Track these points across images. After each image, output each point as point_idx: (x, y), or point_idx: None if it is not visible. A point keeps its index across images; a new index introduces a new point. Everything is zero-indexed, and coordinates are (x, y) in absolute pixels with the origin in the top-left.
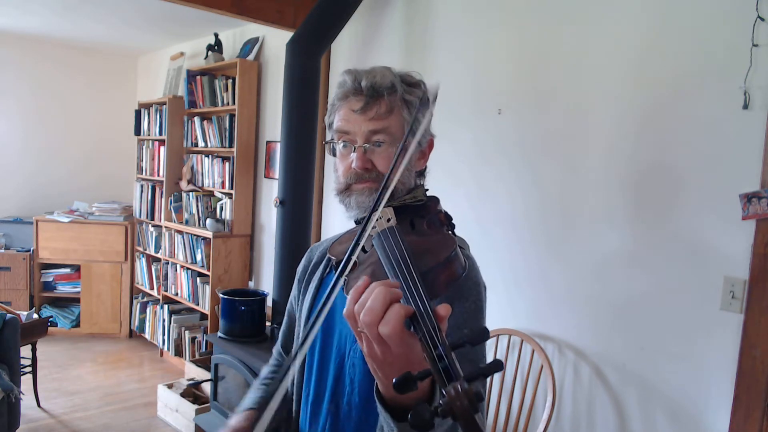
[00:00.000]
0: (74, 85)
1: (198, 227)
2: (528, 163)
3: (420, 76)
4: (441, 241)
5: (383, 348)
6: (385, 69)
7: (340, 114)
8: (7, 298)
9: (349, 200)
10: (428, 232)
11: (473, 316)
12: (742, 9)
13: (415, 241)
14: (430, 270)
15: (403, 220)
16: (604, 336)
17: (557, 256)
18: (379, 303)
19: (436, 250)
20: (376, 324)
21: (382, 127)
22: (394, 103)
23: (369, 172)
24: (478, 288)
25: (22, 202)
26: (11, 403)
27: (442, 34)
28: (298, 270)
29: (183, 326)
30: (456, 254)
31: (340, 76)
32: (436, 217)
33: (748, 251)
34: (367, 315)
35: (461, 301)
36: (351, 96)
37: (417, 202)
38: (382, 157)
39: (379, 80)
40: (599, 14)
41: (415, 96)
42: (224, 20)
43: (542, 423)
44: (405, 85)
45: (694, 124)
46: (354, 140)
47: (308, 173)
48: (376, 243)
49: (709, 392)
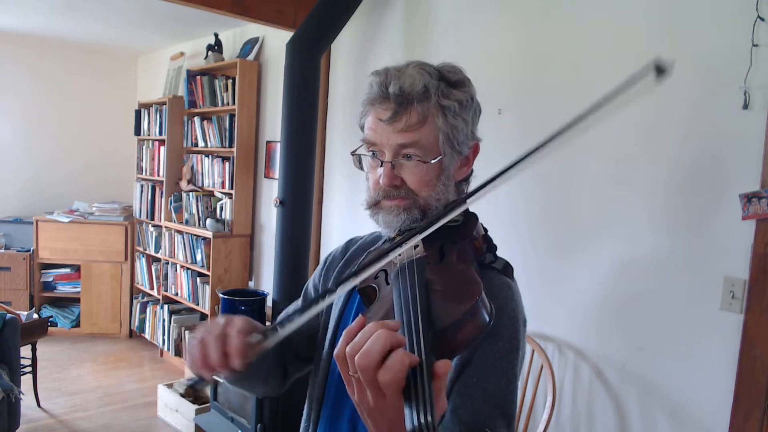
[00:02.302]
0: (74, 85)
1: (198, 227)
2: (529, 163)
3: (465, 71)
4: (465, 287)
5: (377, 396)
6: (418, 69)
7: (369, 122)
8: (7, 298)
9: (378, 217)
10: (456, 268)
11: (505, 357)
12: (742, 9)
13: (438, 284)
14: (447, 327)
15: (431, 246)
16: (604, 336)
17: (557, 256)
18: (378, 346)
19: (458, 299)
20: (373, 369)
21: (413, 140)
22: (427, 111)
23: (398, 189)
24: (515, 324)
25: (22, 202)
26: (11, 403)
27: (442, 33)
28: (330, 255)
29: (183, 326)
30: (478, 306)
31: (368, 77)
32: (470, 245)
33: (748, 251)
34: (363, 358)
35: (493, 339)
36: (378, 103)
37: (452, 223)
38: (412, 172)
39: (409, 85)
40: (599, 14)
41: (454, 99)
42: (224, 20)
43: (542, 423)
44: (444, 84)
45: (694, 124)
46: (382, 152)
47: (308, 173)
48: (394, 280)
49: (709, 392)
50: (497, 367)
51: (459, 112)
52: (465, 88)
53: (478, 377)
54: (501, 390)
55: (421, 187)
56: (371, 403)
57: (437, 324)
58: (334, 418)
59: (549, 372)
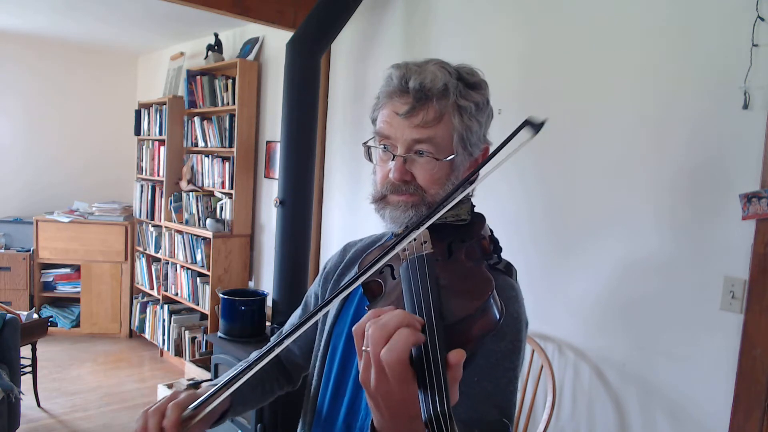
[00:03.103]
0: (74, 85)
1: (198, 227)
2: (530, 163)
3: (482, 74)
4: (476, 283)
5: (380, 376)
6: (439, 67)
7: (384, 114)
8: (7, 298)
9: (384, 212)
10: (465, 265)
11: (507, 358)
12: (742, 9)
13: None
14: (458, 322)
15: (440, 244)
16: (604, 336)
17: (558, 256)
18: (394, 321)
19: (470, 295)
20: (381, 344)
21: (428, 136)
22: (444, 109)
23: (407, 185)
24: (518, 325)
25: (22, 202)
26: (11, 403)
27: (442, 34)
28: (327, 263)
29: (183, 326)
30: (490, 303)
31: (388, 69)
32: (478, 245)
33: (748, 251)
34: (376, 330)
35: (496, 339)
36: (396, 96)
37: (459, 222)
38: (424, 168)
39: (430, 81)
40: (600, 13)
41: (471, 100)
42: (224, 20)
43: (542, 423)
44: (462, 85)
45: (694, 124)
46: (395, 146)
47: (308, 173)
48: (403, 274)
49: (709, 392)
50: (499, 366)
51: (474, 114)
52: (482, 91)
53: (479, 376)
54: (501, 390)
55: (430, 184)
56: (373, 383)
57: (449, 318)
58: (330, 418)
59: (549, 372)
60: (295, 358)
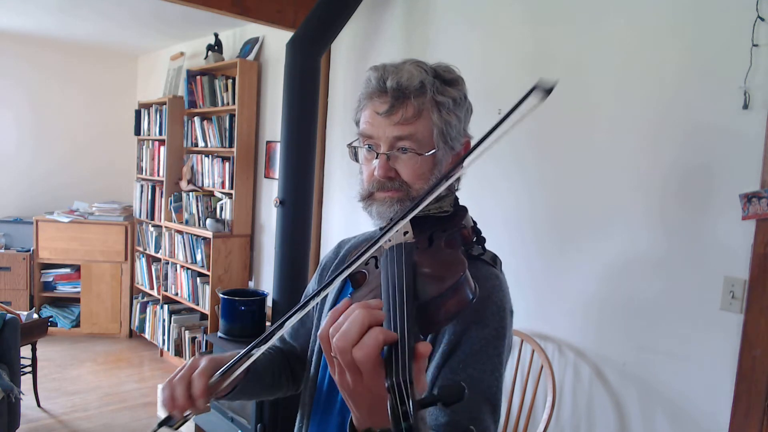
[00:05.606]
0: (74, 85)
1: (198, 227)
2: (530, 163)
3: (459, 71)
4: (450, 265)
5: (355, 376)
6: (415, 66)
7: (365, 115)
8: (7, 298)
9: (371, 209)
10: (443, 252)
11: (491, 344)
12: (742, 9)
13: (424, 264)
14: (431, 300)
15: (421, 234)
16: (604, 336)
17: (558, 256)
18: (356, 326)
19: (443, 275)
20: (350, 350)
21: (408, 133)
22: (422, 106)
23: (392, 181)
24: (501, 313)
25: (22, 202)
26: (11, 403)
27: (442, 33)
28: (323, 260)
29: (183, 326)
30: (462, 282)
31: (366, 71)
32: (458, 234)
33: (748, 251)
34: (340, 339)
35: (480, 326)
36: (375, 96)
37: (441, 213)
38: (407, 164)
39: (407, 80)
40: (600, 14)
41: (448, 96)
42: (224, 20)
43: (542, 423)
44: (439, 82)
45: (694, 124)
46: (378, 144)
47: (308, 173)
48: (383, 261)
49: (709, 392)
50: (483, 352)
51: (453, 109)
52: (459, 87)
53: (464, 363)
54: (486, 376)
55: (414, 179)
56: (350, 383)
57: (421, 297)
58: (326, 411)
59: (549, 372)
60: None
